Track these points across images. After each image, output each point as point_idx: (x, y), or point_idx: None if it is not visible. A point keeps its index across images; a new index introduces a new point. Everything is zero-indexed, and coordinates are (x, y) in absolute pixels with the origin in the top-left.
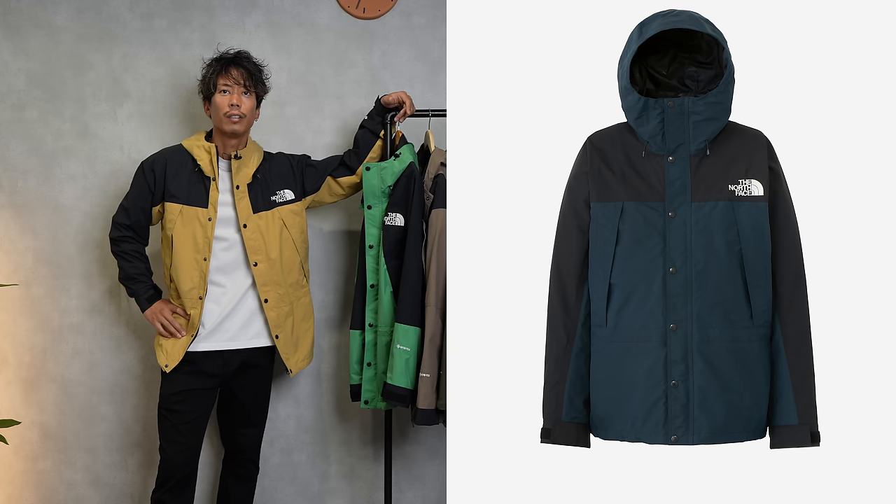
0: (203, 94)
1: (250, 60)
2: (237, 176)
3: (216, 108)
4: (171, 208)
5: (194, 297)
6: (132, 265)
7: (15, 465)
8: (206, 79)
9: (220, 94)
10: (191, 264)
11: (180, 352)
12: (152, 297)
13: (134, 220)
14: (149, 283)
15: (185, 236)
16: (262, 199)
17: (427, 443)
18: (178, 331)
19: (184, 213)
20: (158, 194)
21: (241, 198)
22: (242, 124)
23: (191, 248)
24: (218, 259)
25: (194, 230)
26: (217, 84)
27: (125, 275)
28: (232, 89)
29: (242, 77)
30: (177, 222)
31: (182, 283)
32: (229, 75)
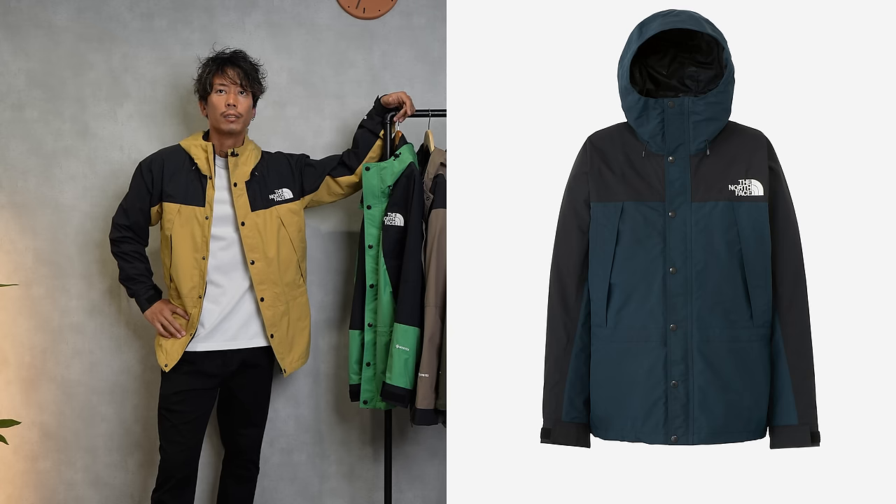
0: (199, 94)
1: (246, 60)
2: (234, 173)
3: (213, 107)
4: (169, 208)
5: (194, 296)
6: (132, 266)
7: (15, 465)
8: (201, 78)
9: (216, 94)
10: (190, 263)
11: (179, 351)
12: (152, 298)
13: (133, 220)
14: (149, 283)
15: (184, 236)
16: (260, 198)
17: (427, 443)
18: (177, 331)
19: (182, 213)
20: (156, 195)
21: (238, 195)
22: (239, 124)
23: (189, 247)
24: (216, 258)
25: (192, 229)
26: (213, 84)
27: (125, 275)
28: (228, 89)
29: (239, 77)
30: (175, 222)
31: (182, 283)
32: (225, 75)
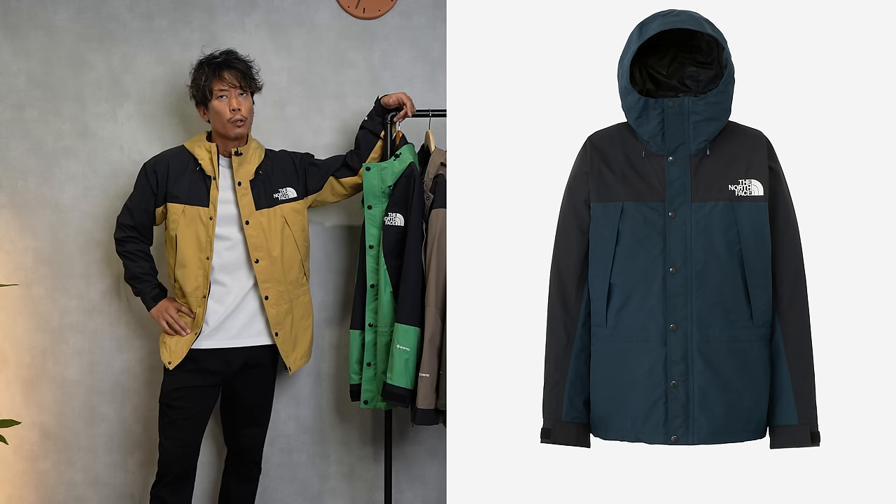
0: (196, 100)
1: (240, 60)
2: (238, 172)
3: (217, 114)
4: (173, 209)
5: (198, 296)
6: (137, 265)
7: (15, 465)
8: (198, 85)
9: (217, 100)
10: (195, 263)
11: (184, 350)
12: (158, 296)
13: (137, 220)
14: (154, 282)
15: (189, 236)
16: (264, 196)
17: (427, 443)
18: (182, 329)
19: (186, 213)
20: (161, 195)
21: (243, 194)
22: (246, 127)
23: (194, 247)
24: (221, 258)
25: (197, 229)
26: (213, 90)
27: (131, 274)
28: (229, 93)
29: (237, 79)
30: (180, 222)
31: (186, 283)
32: (223, 79)
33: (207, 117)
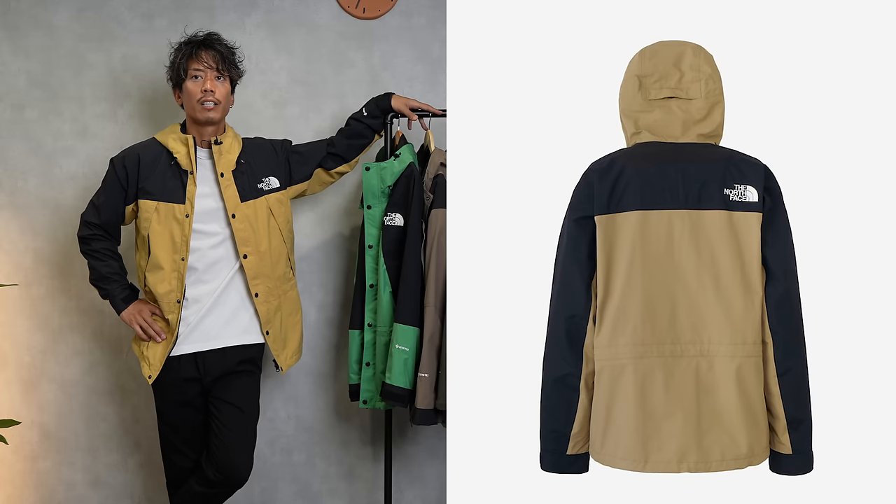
0: (172, 81)
1: (221, 42)
2: (220, 163)
3: (188, 95)
4: (145, 206)
5: (171, 300)
6: (105, 264)
7: (15, 465)
8: (174, 64)
9: (191, 81)
10: (168, 265)
11: (161, 359)
12: (129, 297)
13: (104, 219)
14: (124, 282)
15: (162, 235)
16: (248, 187)
17: (427, 443)
18: (157, 334)
19: (160, 211)
20: (132, 192)
21: (227, 186)
22: (217, 111)
23: (168, 247)
24: (206, 256)
25: (172, 228)
26: (188, 69)
27: (97, 275)
28: (204, 74)
29: (214, 60)
30: (152, 221)
31: (158, 287)
32: (200, 59)
33: (181, 101)
